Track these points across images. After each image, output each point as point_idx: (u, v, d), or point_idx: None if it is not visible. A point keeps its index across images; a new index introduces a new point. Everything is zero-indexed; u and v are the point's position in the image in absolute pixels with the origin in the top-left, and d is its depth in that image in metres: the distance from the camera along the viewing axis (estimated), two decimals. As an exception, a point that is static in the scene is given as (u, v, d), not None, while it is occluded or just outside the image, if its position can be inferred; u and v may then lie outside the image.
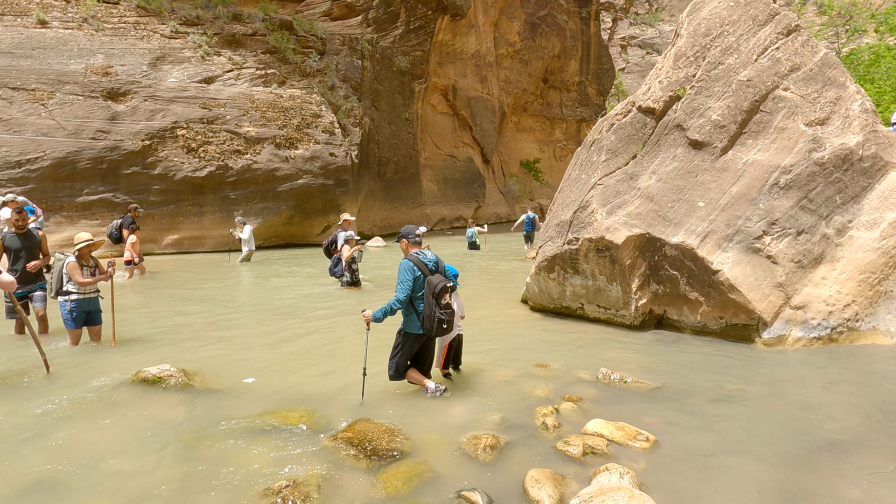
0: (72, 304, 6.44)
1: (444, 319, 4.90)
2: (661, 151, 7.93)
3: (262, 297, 10.26)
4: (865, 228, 7.06)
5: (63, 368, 5.77)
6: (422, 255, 5.12)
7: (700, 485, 3.55)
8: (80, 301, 6.47)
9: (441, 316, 4.88)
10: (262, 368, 5.90)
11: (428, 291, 4.91)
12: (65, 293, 6.45)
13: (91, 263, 6.64)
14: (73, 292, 6.45)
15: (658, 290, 7.58)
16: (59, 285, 6.47)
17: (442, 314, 4.88)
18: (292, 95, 19.62)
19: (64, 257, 6.56)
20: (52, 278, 6.56)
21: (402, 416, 4.62)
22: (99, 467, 3.72)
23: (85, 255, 6.55)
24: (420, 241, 5.27)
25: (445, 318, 4.90)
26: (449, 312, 4.95)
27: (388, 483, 3.55)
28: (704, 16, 8.34)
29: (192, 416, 4.56)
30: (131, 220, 12.15)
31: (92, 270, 6.62)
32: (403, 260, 5.08)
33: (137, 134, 16.38)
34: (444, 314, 4.89)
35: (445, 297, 4.96)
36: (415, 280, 4.96)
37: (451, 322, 4.98)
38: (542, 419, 4.47)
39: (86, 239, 6.53)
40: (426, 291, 4.93)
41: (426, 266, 5.04)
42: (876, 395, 5.10)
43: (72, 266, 6.40)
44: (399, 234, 5.40)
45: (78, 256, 6.50)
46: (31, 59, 15.87)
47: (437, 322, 4.88)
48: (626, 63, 57.29)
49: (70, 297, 6.44)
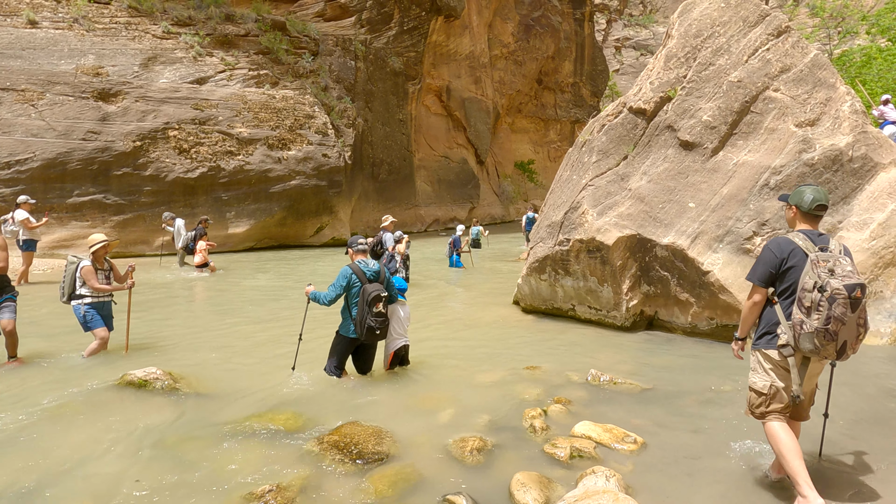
0: (85, 308, 6.16)
1: (375, 326, 5.23)
2: (652, 152, 7.92)
3: (255, 299, 10.20)
4: (855, 229, 7.07)
5: (46, 371, 5.69)
6: (363, 264, 5.44)
7: (687, 488, 3.53)
8: (94, 304, 6.22)
9: (371, 323, 5.21)
10: (251, 371, 5.85)
11: (362, 299, 5.25)
12: (77, 297, 6.19)
13: (105, 266, 6.37)
14: (87, 296, 6.18)
15: (649, 290, 7.57)
16: (72, 289, 6.21)
17: (373, 321, 5.21)
18: (285, 96, 19.56)
19: (77, 260, 6.24)
20: (63, 282, 6.27)
21: (391, 418, 4.58)
22: (79, 471, 3.66)
23: (100, 257, 6.30)
24: (365, 250, 5.62)
25: (376, 325, 5.23)
26: (380, 320, 5.26)
27: (373, 487, 3.51)
28: (695, 17, 8.35)
29: (177, 420, 4.51)
30: (203, 231, 13.77)
31: (106, 273, 6.35)
32: (344, 266, 5.44)
33: (129, 135, 16.27)
34: (374, 321, 5.22)
35: (378, 305, 5.25)
36: (349, 286, 5.34)
37: (383, 329, 5.33)
38: (530, 421, 4.45)
39: (101, 240, 6.27)
40: (361, 299, 5.26)
41: (364, 274, 5.36)
42: (866, 397, 5.10)
43: (87, 270, 6.12)
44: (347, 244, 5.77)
45: (92, 259, 6.22)
46: (21, 60, 15.74)
47: (368, 328, 5.23)
48: (620, 64, 57.45)
49: (84, 300, 6.17)
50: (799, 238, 3.32)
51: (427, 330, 7.88)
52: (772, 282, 3.36)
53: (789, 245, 3.32)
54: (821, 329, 3.04)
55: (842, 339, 3.06)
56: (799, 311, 3.16)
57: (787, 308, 3.28)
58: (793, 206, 3.50)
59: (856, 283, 3.03)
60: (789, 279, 3.28)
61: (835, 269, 3.10)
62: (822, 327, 3.03)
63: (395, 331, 5.77)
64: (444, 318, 8.86)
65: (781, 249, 3.32)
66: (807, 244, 3.27)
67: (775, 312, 3.33)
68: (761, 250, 3.49)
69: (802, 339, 3.13)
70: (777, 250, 3.33)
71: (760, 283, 3.37)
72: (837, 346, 3.06)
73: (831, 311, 3.01)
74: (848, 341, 3.07)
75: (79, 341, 6.80)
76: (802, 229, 3.42)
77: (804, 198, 3.42)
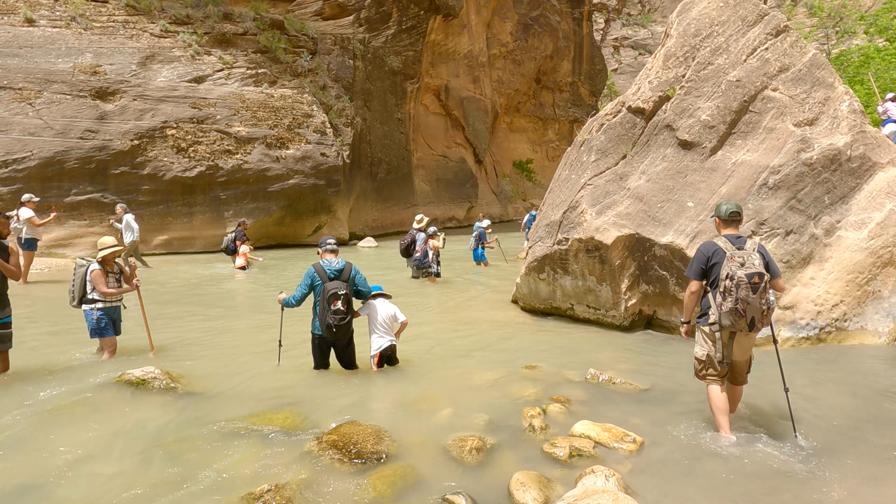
0: (98, 313, 6.04)
1: (333, 324, 5.37)
2: (651, 152, 7.92)
3: (257, 298, 10.18)
4: (854, 228, 7.08)
5: (44, 371, 5.67)
6: (326, 263, 5.59)
7: (685, 488, 3.53)
8: (106, 309, 6.11)
9: (330, 320, 5.35)
10: (249, 371, 5.84)
11: (322, 297, 5.42)
12: (90, 301, 6.07)
13: (115, 270, 6.27)
14: (99, 300, 6.07)
15: (647, 290, 7.57)
16: (83, 293, 6.11)
17: (331, 318, 5.35)
18: (283, 95, 19.52)
19: (86, 263, 6.15)
20: (72, 285, 6.17)
21: (390, 417, 4.58)
22: (77, 471, 3.65)
23: (109, 261, 6.19)
24: (333, 250, 5.73)
25: (334, 322, 5.36)
26: (339, 318, 5.38)
27: (372, 487, 3.51)
28: (694, 16, 8.34)
29: (175, 419, 4.49)
30: (242, 233, 14.23)
31: (117, 277, 6.24)
32: (310, 266, 5.63)
33: (126, 134, 16.22)
34: (333, 318, 5.36)
35: (336, 303, 5.37)
36: (313, 285, 5.53)
37: (341, 327, 5.43)
38: (529, 421, 4.44)
39: (110, 245, 6.16)
40: (321, 297, 5.44)
41: (325, 273, 5.51)
42: (863, 396, 5.11)
43: (96, 274, 6.03)
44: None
45: (102, 262, 6.13)
46: (19, 58, 15.68)
47: (327, 326, 5.39)
48: (618, 64, 57.43)
49: (96, 305, 6.06)
50: (721, 241, 4.23)
51: (425, 328, 7.88)
52: (703, 275, 4.28)
53: (713, 247, 4.24)
54: (732, 308, 3.98)
55: (749, 316, 3.97)
56: (720, 296, 4.07)
57: (715, 295, 4.17)
58: (716, 217, 4.46)
59: (755, 272, 3.95)
60: (714, 273, 4.20)
61: (745, 262, 4.00)
62: (733, 307, 3.97)
63: (377, 331, 5.86)
64: (443, 316, 8.86)
65: (707, 250, 4.26)
66: (726, 245, 4.17)
67: (707, 299, 4.28)
68: (695, 253, 4.38)
69: (723, 317, 4.07)
70: (705, 251, 4.27)
71: (695, 276, 4.29)
72: (747, 321, 3.98)
73: (738, 293, 3.94)
74: (755, 317, 3.98)
75: (76, 340, 6.79)
76: (725, 234, 4.32)
77: (721, 210, 4.38)
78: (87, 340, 6.38)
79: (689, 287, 4.35)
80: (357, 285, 5.75)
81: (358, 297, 5.84)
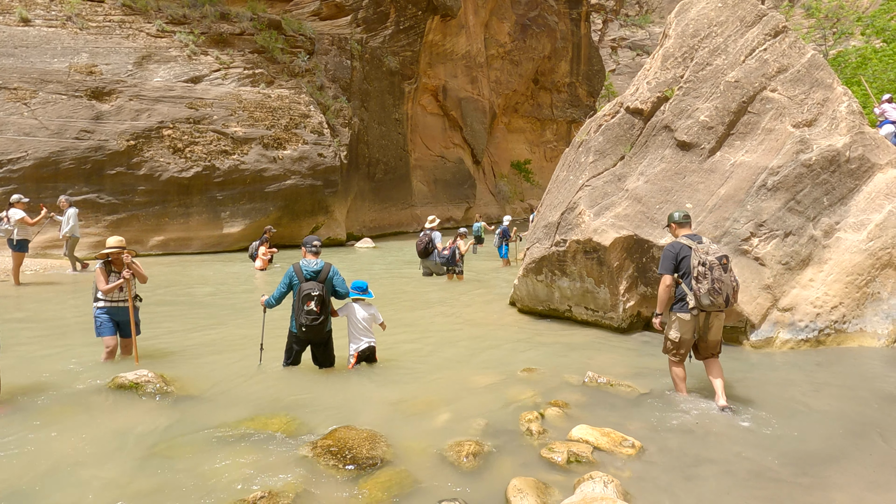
0: (98, 311, 5.98)
1: (304, 323, 5.50)
2: (649, 152, 7.88)
3: (250, 300, 10.11)
4: (852, 230, 7.05)
5: (36, 374, 5.60)
6: (304, 263, 5.71)
7: (685, 494, 3.48)
8: (107, 309, 6.00)
9: (303, 319, 5.50)
10: (243, 374, 5.77)
11: (297, 297, 5.57)
12: (96, 300, 6.03)
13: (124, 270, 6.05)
14: (102, 299, 6.00)
15: (646, 291, 7.53)
16: (95, 291, 6.07)
17: (304, 318, 5.49)
18: (280, 95, 19.44)
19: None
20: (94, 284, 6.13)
21: (385, 422, 4.52)
22: (68, 476, 3.59)
23: (117, 261, 6.04)
24: (314, 251, 5.84)
25: (306, 321, 5.50)
26: (311, 318, 5.49)
27: (368, 493, 3.45)
28: (692, 17, 8.31)
29: (168, 424, 4.43)
30: (267, 240, 14.81)
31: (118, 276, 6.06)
32: (289, 266, 5.76)
33: (122, 134, 16.13)
34: (305, 318, 5.49)
35: (309, 303, 5.49)
36: (290, 284, 5.69)
37: (312, 327, 5.53)
38: (526, 425, 4.39)
39: (115, 245, 6.00)
40: (296, 297, 5.58)
41: (302, 273, 5.64)
42: (862, 399, 5.07)
43: (97, 273, 5.99)
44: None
45: (108, 262, 6.02)
46: (14, 58, 15.59)
47: (300, 325, 5.54)
48: (616, 64, 57.46)
49: (98, 303, 6.00)
50: (684, 240, 4.98)
51: (421, 330, 7.82)
52: (674, 270, 4.94)
53: (679, 245, 4.97)
54: (710, 288, 4.68)
55: (724, 293, 4.70)
56: (694, 281, 4.75)
57: (687, 284, 4.85)
58: (671, 224, 5.25)
59: (722, 255, 4.77)
60: (684, 266, 4.88)
61: (708, 252, 4.76)
62: (711, 287, 4.68)
63: (355, 331, 5.93)
64: (440, 318, 8.80)
65: (674, 248, 4.99)
66: (689, 242, 4.92)
67: (682, 289, 4.92)
68: (662, 253, 5.07)
69: (703, 298, 4.72)
70: (672, 249, 4.99)
71: (667, 272, 4.97)
72: (724, 297, 4.71)
73: (713, 274, 4.67)
74: (728, 294, 4.73)
75: (70, 342, 6.72)
76: (684, 234, 5.08)
77: (675, 216, 5.23)
78: (80, 342, 6.33)
79: (663, 281, 4.97)
80: (335, 286, 5.83)
81: (336, 297, 5.92)
